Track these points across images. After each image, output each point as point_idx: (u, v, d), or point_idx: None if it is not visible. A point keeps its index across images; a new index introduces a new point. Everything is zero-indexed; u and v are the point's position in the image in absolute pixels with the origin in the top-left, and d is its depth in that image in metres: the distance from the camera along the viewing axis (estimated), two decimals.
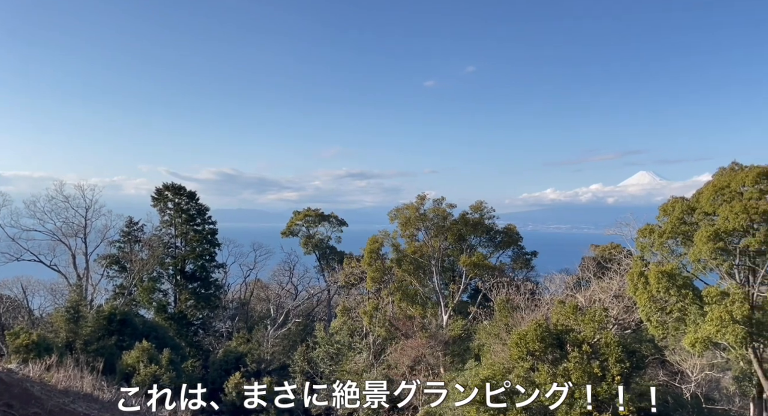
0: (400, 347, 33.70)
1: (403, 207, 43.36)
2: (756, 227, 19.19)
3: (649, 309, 22.55)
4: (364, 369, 33.39)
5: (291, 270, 53.58)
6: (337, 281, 50.84)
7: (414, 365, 32.76)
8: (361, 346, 36.13)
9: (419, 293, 42.55)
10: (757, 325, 18.64)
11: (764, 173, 20.05)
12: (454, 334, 35.57)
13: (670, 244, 22.95)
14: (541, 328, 23.82)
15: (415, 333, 34.77)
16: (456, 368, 31.28)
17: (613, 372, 21.44)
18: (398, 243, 43.82)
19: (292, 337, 44.06)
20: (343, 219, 57.86)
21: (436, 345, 33.37)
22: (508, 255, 45.76)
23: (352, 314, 39.75)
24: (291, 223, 57.48)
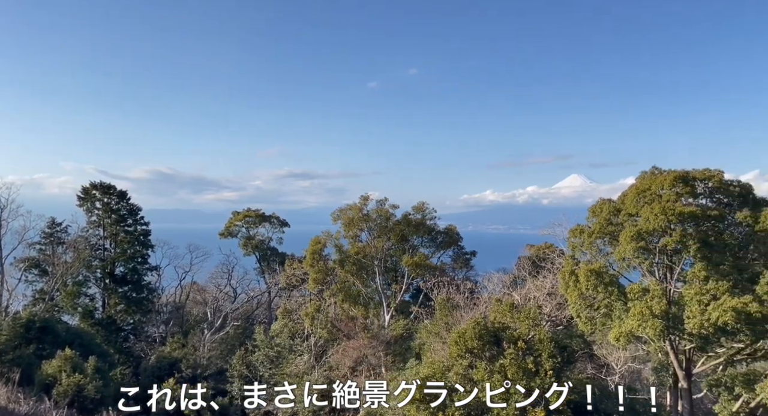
0: (342, 348, 33.55)
1: (346, 207, 43.29)
2: (673, 227, 20.61)
3: (579, 305, 23.72)
4: (305, 371, 32.98)
5: (230, 273, 52.01)
6: (278, 283, 49.91)
7: (356, 366, 32.72)
8: (302, 348, 35.65)
9: (362, 294, 42.59)
10: (674, 319, 20.01)
11: (680, 177, 21.59)
12: (396, 334, 35.88)
13: (599, 244, 24.20)
14: (479, 326, 24.46)
15: (357, 333, 34.73)
16: (397, 367, 31.54)
17: (546, 367, 22.32)
18: (341, 244, 43.66)
19: (231, 341, 42.77)
20: (284, 220, 56.93)
21: (378, 346, 33.49)
22: (449, 255, 46.77)
23: (294, 316, 39.15)
24: (230, 224, 55.88)
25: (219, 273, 52.55)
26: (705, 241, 20.16)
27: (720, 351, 22.25)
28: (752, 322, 18.11)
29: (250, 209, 56.36)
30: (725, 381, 21.72)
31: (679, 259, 21.40)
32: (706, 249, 20.14)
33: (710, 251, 20.15)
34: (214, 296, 49.95)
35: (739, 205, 21.29)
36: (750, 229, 20.32)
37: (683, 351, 22.76)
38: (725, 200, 21.75)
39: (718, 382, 22.13)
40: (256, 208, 56.63)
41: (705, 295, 19.43)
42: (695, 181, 21.77)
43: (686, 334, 19.81)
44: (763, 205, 21.36)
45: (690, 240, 20.20)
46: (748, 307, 18.00)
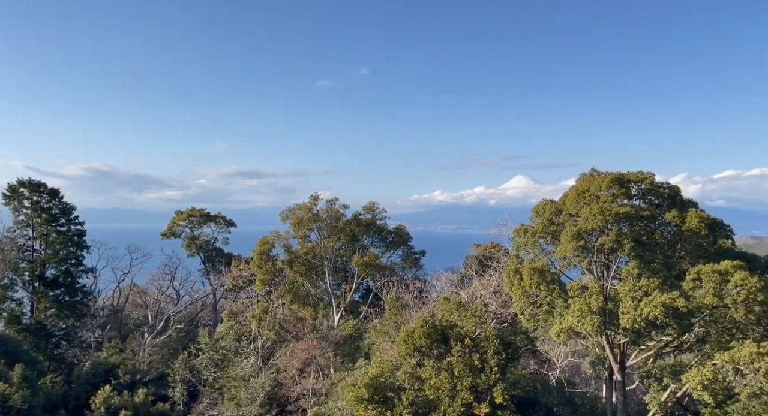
0: (290, 350, 33.03)
1: (295, 207, 42.67)
2: (609, 227, 21.56)
3: (523, 303, 24.35)
4: (252, 374, 32.24)
5: (172, 274, 49.99)
6: (224, 284, 48.55)
7: (304, 367, 32.32)
8: (248, 351, 34.82)
9: (311, 294, 42.12)
10: (610, 315, 20.91)
11: (616, 179, 22.64)
12: (346, 334, 35.72)
13: (541, 243, 24.90)
14: (427, 325, 24.70)
15: (305, 335, 34.31)
16: (346, 368, 31.42)
17: (492, 363, 22.83)
18: (290, 245, 42.99)
19: (173, 345, 41.15)
20: (231, 220, 55.50)
21: (327, 346, 33.22)
22: (399, 254, 47.07)
23: (240, 318, 38.20)
24: (173, 224, 53.87)
25: (161, 275, 50.44)
26: (638, 240, 21.22)
27: (651, 345, 23.51)
28: (679, 316, 19.21)
29: (195, 208, 54.61)
30: (655, 372, 22.96)
31: (615, 258, 22.34)
32: (639, 248, 21.19)
33: (643, 250, 21.21)
34: (156, 298, 47.88)
35: (668, 206, 22.56)
36: (677, 229, 21.57)
37: (618, 345, 23.88)
38: (656, 201, 23.00)
39: (648, 374, 23.36)
40: (201, 208, 54.97)
41: (638, 292, 20.42)
42: (630, 183, 22.89)
43: (621, 329, 20.69)
44: (689, 205, 22.77)
45: (625, 240, 21.17)
46: (675, 302, 19.09)
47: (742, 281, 18.42)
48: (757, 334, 19.11)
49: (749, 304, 18.45)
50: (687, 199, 23.23)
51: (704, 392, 18.28)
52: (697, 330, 21.66)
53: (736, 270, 18.79)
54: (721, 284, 18.91)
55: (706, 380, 18.16)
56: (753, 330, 19.42)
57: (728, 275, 18.86)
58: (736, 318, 19.09)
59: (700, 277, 19.61)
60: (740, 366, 17.67)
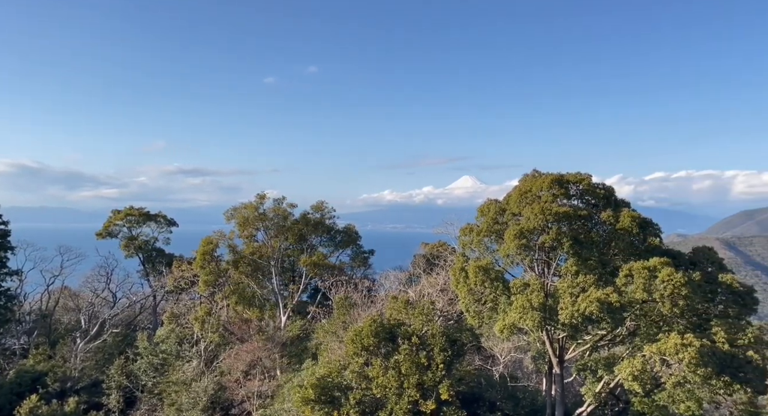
0: (234, 352, 32.17)
1: (241, 206, 41.67)
2: (550, 226, 22.43)
3: (469, 300, 24.90)
4: (194, 377, 31.14)
5: (108, 276, 47.44)
6: (164, 286, 46.65)
7: (249, 369, 31.58)
8: (191, 354, 33.61)
9: (257, 295, 41.26)
10: (550, 311, 21.76)
11: (556, 180, 23.57)
12: (293, 335, 35.22)
13: (486, 242, 25.54)
14: (375, 324, 24.75)
15: (251, 336, 33.53)
16: (293, 369, 30.97)
17: (438, 360, 23.17)
18: (235, 244, 41.95)
19: (108, 350, 39.06)
20: (172, 219, 53.42)
21: (273, 348, 32.61)
22: (348, 254, 46.98)
23: (182, 320, 36.81)
24: (109, 224, 51.22)
25: (96, 277, 47.73)
26: (576, 239, 22.19)
27: (587, 338, 24.64)
28: (613, 311, 20.26)
29: (133, 207, 52.16)
30: (590, 365, 24.12)
31: (555, 255, 23.26)
32: (577, 246, 22.17)
33: (580, 248, 22.21)
34: (90, 301, 45.29)
35: (604, 206, 23.72)
36: (612, 228, 22.73)
37: (557, 340, 24.87)
38: (593, 201, 24.12)
39: (584, 366, 24.51)
40: (140, 207, 52.56)
41: (575, 288, 21.36)
42: (569, 184, 23.88)
43: (560, 324, 21.54)
44: (622, 205, 24.04)
45: (564, 238, 22.09)
46: (609, 298, 20.12)
47: (668, 277, 19.64)
48: (681, 326, 20.42)
49: (674, 298, 19.70)
50: (621, 199, 24.48)
51: (634, 382, 19.37)
52: (629, 324, 22.87)
53: (663, 267, 20.02)
54: (650, 280, 20.08)
55: (636, 371, 19.25)
56: (678, 322, 20.75)
57: (656, 271, 20.06)
58: (663, 312, 20.32)
59: (632, 274, 20.74)
60: (666, 356, 18.84)
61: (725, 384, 18.77)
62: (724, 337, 19.23)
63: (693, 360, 18.05)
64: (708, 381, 18.57)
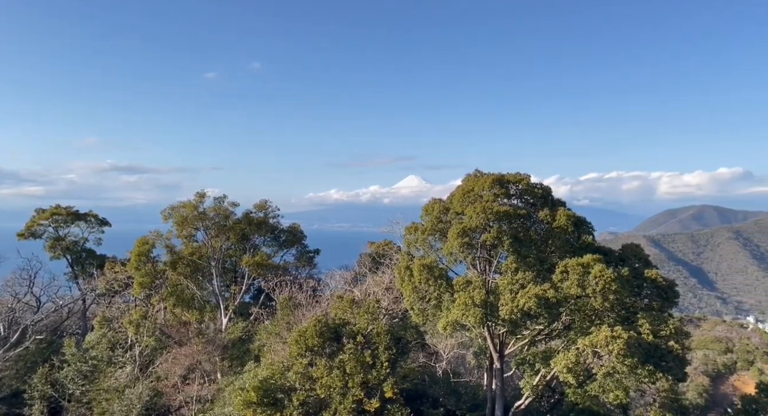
0: (172, 356, 30.85)
1: (179, 205, 40.04)
2: (491, 225, 23.05)
3: (413, 298, 25.17)
4: (127, 384, 29.58)
5: (31, 279, 44.12)
6: (95, 289, 44.04)
7: (188, 374, 30.41)
8: (124, 360, 31.92)
9: (197, 297, 39.82)
10: (491, 307, 22.38)
11: (497, 180, 24.26)
12: (234, 337, 34.27)
13: (430, 240, 25.90)
14: (320, 324, 24.50)
15: (190, 339, 32.31)
16: (235, 372, 30.11)
17: (383, 359, 23.24)
18: (173, 245, 40.30)
19: (31, 358, 36.35)
20: (104, 219, 50.51)
21: (213, 351, 31.58)
22: (293, 254, 46.25)
23: (115, 325, 34.90)
24: (32, 223, 47.72)
25: (17, 280, 44.28)
26: (516, 237, 22.93)
27: (526, 333, 25.56)
28: (549, 306, 21.13)
29: (60, 206, 48.88)
30: (529, 359, 25.04)
31: (496, 253, 23.93)
32: (516, 244, 22.91)
33: (519, 246, 22.97)
34: (10, 306, 41.98)
35: (541, 205, 24.66)
36: (549, 226, 23.66)
37: (498, 335, 25.62)
38: (531, 201, 25.02)
39: (523, 361, 25.40)
40: (69, 205, 49.33)
41: (515, 285, 22.09)
42: (509, 184, 24.65)
43: (500, 320, 22.20)
44: (558, 205, 25.07)
45: (504, 236, 22.77)
46: (546, 294, 20.96)
47: (600, 273, 20.70)
48: (611, 319, 21.57)
49: (605, 293, 20.78)
50: (557, 199, 25.52)
51: (569, 374, 20.28)
52: (564, 318, 23.88)
53: (596, 263, 21.08)
54: (583, 276, 21.07)
55: (570, 363, 20.17)
56: (608, 316, 21.89)
57: (589, 268, 21.08)
58: (595, 306, 21.38)
59: (567, 270, 21.67)
60: (598, 348, 19.85)
61: (649, 373, 20.02)
62: (648, 329, 20.49)
63: (621, 352, 19.13)
64: (634, 371, 19.74)
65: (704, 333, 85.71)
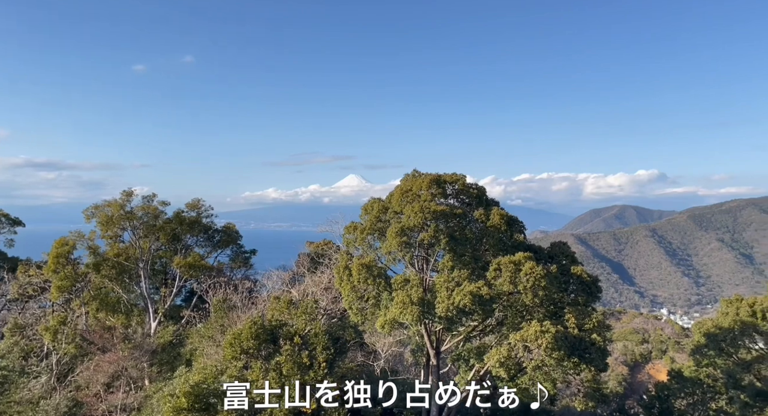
0: (94, 364, 29.00)
1: (104, 204, 37.75)
2: (428, 224, 23.48)
3: (352, 298, 25.16)
4: (43, 395, 27.47)
5: None
6: (6, 294, 40.59)
7: (112, 381, 28.69)
8: (39, 369, 29.61)
9: (123, 300, 37.71)
10: (428, 305, 22.79)
11: (434, 180, 24.75)
12: (164, 341, 32.75)
13: (370, 239, 26.00)
14: (256, 326, 23.95)
15: (115, 345, 30.50)
16: (164, 377, 28.78)
17: (320, 359, 23.07)
18: (97, 246, 37.91)
19: None
20: (17, 218, 46.68)
21: (141, 356, 30.00)
22: (227, 254, 44.91)
23: (29, 332, 32.33)
24: None
25: None
26: (452, 236, 23.49)
27: (461, 330, 26.21)
28: (483, 303, 21.80)
29: None
30: (464, 355, 25.73)
31: (433, 252, 24.42)
32: (452, 243, 23.48)
33: (456, 244, 23.56)
34: None
35: (476, 205, 25.43)
36: (483, 225, 24.45)
37: (434, 332, 26.13)
38: (467, 200, 25.74)
39: (458, 357, 26.07)
40: None
41: (451, 283, 22.61)
42: (446, 184, 25.21)
43: (437, 317, 22.67)
44: (492, 204, 25.96)
45: (441, 235, 23.26)
46: (481, 291, 21.63)
47: (530, 270, 21.61)
48: (541, 315, 22.59)
49: (535, 289, 21.74)
50: (491, 199, 26.40)
51: (501, 368, 21.03)
52: (498, 315, 24.74)
53: (527, 261, 21.99)
54: (515, 273, 21.92)
55: (503, 358, 20.92)
56: (538, 311, 22.91)
57: (521, 265, 21.96)
58: (526, 302, 22.31)
59: (500, 268, 22.47)
60: (528, 343, 20.72)
61: (574, 364, 21.16)
62: (574, 323, 21.65)
63: (549, 345, 20.08)
64: (561, 363, 20.78)
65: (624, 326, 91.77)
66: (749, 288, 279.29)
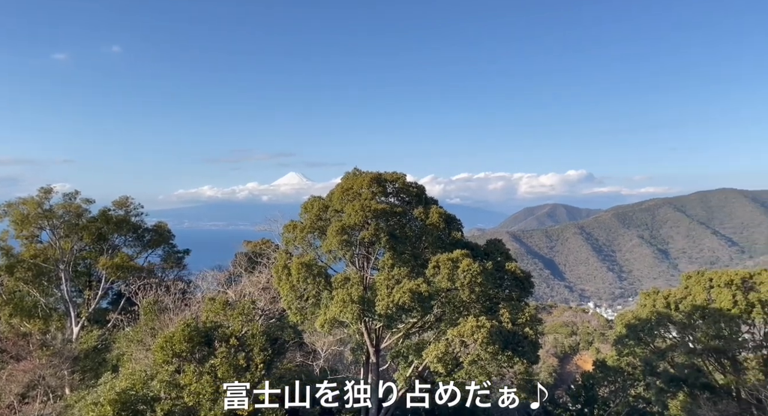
0: (7, 373, 26.77)
1: (19, 201, 35.01)
2: (369, 222, 23.52)
3: (291, 297, 24.75)
4: None
5: None
6: None
7: (28, 391, 26.60)
8: None
9: (40, 304, 35.09)
10: (368, 303, 22.81)
11: (375, 178, 24.82)
12: (88, 347, 30.78)
13: (310, 238, 25.68)
14: (189, 328, 23.07)
15: (30, 353, 28.30)
16: (87, 385, 27.04)
17: (257, 361, 22.55)
18: (10, 246, 35.15)
19: None
20: None
21: (61, 363, 28.02)
22: (159, 254, 42.95)
23: None
24: None
25: None
26: (392, 234, 23.66)
27: (401, 327, 26.47)
28: (422, 300, 22.11)
29: None
30: (403, 351, 26.01)
31: (374, 250, 24.48)
32: (393, 241, 23.65)
33: (396, 242, 23.75)
34: None
35: (416, 203, 25.73)
36: (423, 223, 24.78)
37: (374, 330, 26.21)
38: (407, 199, 25.98)
39: (397, 353, 26.33)
40: None
41: (391, 280, 22.77)
42: (386, 182, 25.35)
43: (377, 315, 22.73)
44: (431, 203, 26.38)
45: (381, 234, 23.36)
46: (420, 288, 21.92)
47: (467, 267, 22.16)
48: (477, 310, 23.22)
49: (472, 286, 22.31)
50: (430, 197, 26.82)
51: (438, 364, 21.44)
52: (436, 311, 25.18)
53: (464, 258, 22.52)
54: (453, 270, 22.39)
55: (440, 353, 21.33)
56: (474, 307, 23.54)
57: (458, 262, 22.45)
58: (463, 298, 22.86)
59: (439, 265, 22.88)
60: (464, 338, 21.24)
61: (508, 358, 21.93)
62: (508, 318, 22.43)
63: (485, 340, 20.68)
64: (496, 357, 21.48)
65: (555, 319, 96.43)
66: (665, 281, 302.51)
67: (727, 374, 32.08)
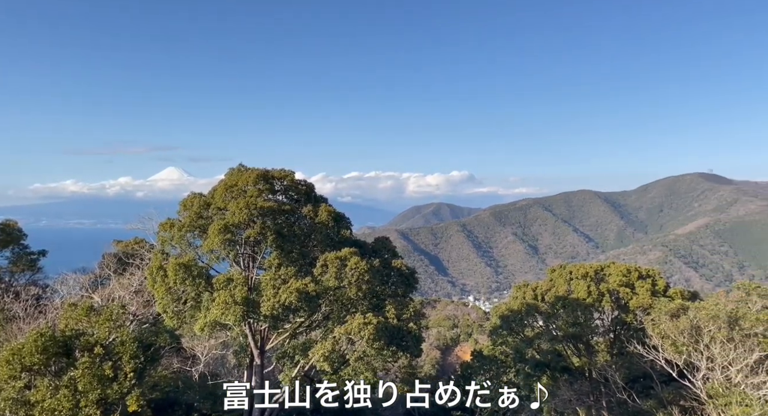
0: None
1: None
2: (255, 220, 22.72)
3: (167, 300, 23.15)
4: None
5: None
6: None
7: None
8: None
9: None
10: (253, 304, 22.06)
11: (262, 175, 24.06)
12: None
13: (189, 237, 24.19)
14: (43, 337, 20.45)
15: None
16: None
17: (127, 369, 20.68)
18: None
19: None
20: None
21: None
22: (6, 256, 37.65)
23: None
24: None
25: None
26: (280, 233, 23.09)
27: (287, 327, 25.97)
28: (310, 299, 21.90)
29: None
30: (289, 351, 25.54)
31: (260, 249, 23.71)
32: (280, 240, 23.09)
33: (283, 241, 23.21)
34: None
35: (305, 201, 25.39)
36: (312, 221, 24.51)
37: (259, 332, 25.43)
38: (296, 197, 25.54)
39: (283, 354, 25.79)
40: None
41: (278, 280, 22.23)
42: (274, 180, 24.69)
43: (262, 316, 22.08)
44: (321, 201, 26.20)
45: (268, 232, 22.71)
46: (307, 287, 21.68)
47: (355, 265, 22.38)
48: (365, 307, 23.57)
49: (359, 283, 22.59)
50: (320, 195, 26.64)
51: (325, 362, 21.40)
52: (324, 310, 25.10)
53: (352, 256, 22.71)
54: (341, 268, 22.48)
55: (327, 352, 21.31)
56: (362, 304, 23.85)
57: (346, 260, 22.59)
58: (351, 296, 23.06)
59: (327, 263, 22.83)
60: (351, 335, 21.43)
61: (393, 353, 22.56)
62: (394, 314, 23.05)
63: (371, 336, 21.06)
64: (381, 353, 21.97)
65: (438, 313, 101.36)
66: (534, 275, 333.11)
67: (582, 357, 36.11)
